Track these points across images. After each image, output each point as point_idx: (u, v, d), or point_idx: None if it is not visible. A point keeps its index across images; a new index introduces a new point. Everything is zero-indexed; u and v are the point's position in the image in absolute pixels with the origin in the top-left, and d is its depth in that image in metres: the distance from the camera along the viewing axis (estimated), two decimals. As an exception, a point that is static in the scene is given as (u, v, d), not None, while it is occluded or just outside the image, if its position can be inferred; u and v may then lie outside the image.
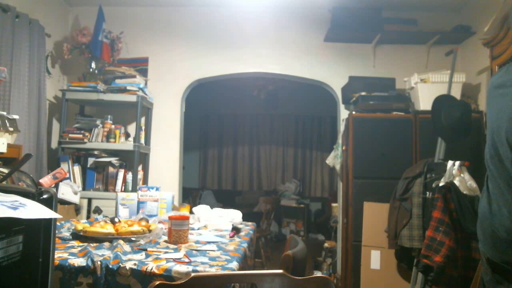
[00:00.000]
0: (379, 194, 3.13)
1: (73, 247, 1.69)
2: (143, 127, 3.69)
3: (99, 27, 3.46)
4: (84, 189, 3.38)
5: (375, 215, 3.12)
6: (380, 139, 3.21)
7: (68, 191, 3.04)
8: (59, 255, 1.50)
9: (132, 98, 3.42)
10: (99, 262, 1.43)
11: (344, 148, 3.44)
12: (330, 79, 3.88)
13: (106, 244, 1.74)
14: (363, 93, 3.35)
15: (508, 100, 1.27)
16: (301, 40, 3.89)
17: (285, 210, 6.85)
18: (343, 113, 3.78)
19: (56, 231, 1.57)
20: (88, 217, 3.20)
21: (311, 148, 7.43)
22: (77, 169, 3.43)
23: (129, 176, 3.47)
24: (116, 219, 2.14)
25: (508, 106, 1.26)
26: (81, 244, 1.75)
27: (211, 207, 2.59)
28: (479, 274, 1.93)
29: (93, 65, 3.56)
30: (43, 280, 0.95)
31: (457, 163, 2.61)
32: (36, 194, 0.95)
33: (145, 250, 1.69)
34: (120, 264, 1.44)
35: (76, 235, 1.88)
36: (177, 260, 1.52)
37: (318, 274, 3.68)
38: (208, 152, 7.60)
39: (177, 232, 1.88)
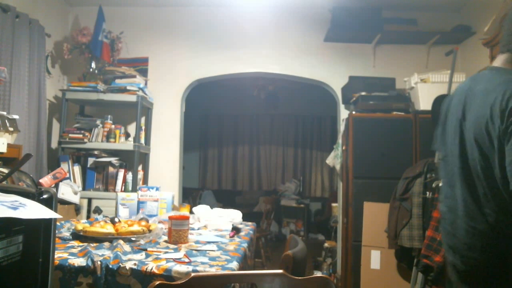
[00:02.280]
0: (379, 194, 3.13)
1: (73, 247, 1.69)
2: (143, 127, 3.69)
3: (99, 27, 3.46)
4: (84, 189, 3.38)
5: (375, 215, 3.12)
6: (380, 139, 3.21)
7: (68, 191, 3.04)
8: (59, 255, 1.50)
9: (132, 98, 3.42)
10: (99, 262, 1.43)
11: (344, 148, 3.44)
12: (330, 79, 3.88)
13: (106, 244, 1.74)
14: (363, 93, 3.35)
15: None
16: (301, 40, 3.89)
17: (285, 210, 6.85)
18: (343, 113, 3.78)
19: (56, 231, 1.57)
20: (88, 217, 3.20)
21: (311, 148, 7.43)
22: (77, 169, 3.43)
23: (129, 176, 3.47)
24: (116, 219, 2.14)
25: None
26: (81, 244, 1.75)
27: (211, 207, 2.59)
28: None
29: (93, 65, 3.56)
30: (43, 280, 0.95)
31: (457, 163, 2.60)
32: (36, 194, 0.95)
33: (145, 250, 1.69)
34: (120, 264, 1.44)
35: (76, 235, 1.88)
36: (177, 260, 1.52)
37: (318, 274, 3.68)
38: (208, 152, 7.60)
39: (177, 232, 1.88)
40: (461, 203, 1.37)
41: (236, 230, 2.27)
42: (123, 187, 3.45)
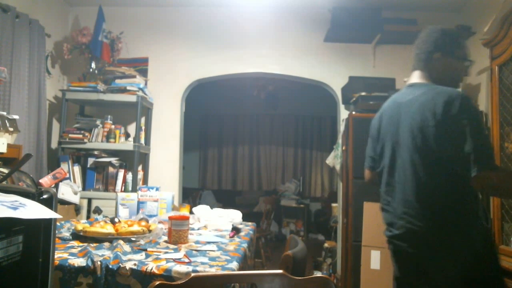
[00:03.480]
0: (379, 194, 3.12)
1: (73, 247, 1.69)
2: (143, 127, 3.69)
3: (99, 27, 3.46)
4: (84, 189, 3.38)
5: (375, 215, 3.11)
6: (380, 139, 3.20)
7: (68, 191, 3.04)
8: (59, 255, 1.50)
9: (132, 98, 3.42)
10: (99, 262, 1.43)
11: (344, 148, 3.44)
12: (330, 79, 3.88)
13: (106, 244, 1.74)
14: (363, 93, 3.35)
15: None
16: (301, 40, 3.89)
17: (285, 210, 6.85)
18: (343, 113, 3.78)
19: (56, 231, 1.57)
20: (88, 217, 3.20)
21: (311, 148, 7.43)
22: (77, 169, 3.43)
23: (129, 176, 3.47)
24: (116, 219, 2.14)
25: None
26: (81, 244, 1.75)
27: (211, 207, 2.59)
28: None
29: (93, 65, 3.56)
30: (43, 280, 0.95)
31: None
32: (36, 194, 0.95)
33: (145, 250, 1.69)
34: (120, 264, 1.44)
35: (76, 235, 1.88)
36: (177, 260, 1.52)
37: (318, 274, 3.68)
38: (208, 152, 7.60)
39: (177, 232, 1.88)
40: (400, 204, 1.59)
41: (236, 230, 2.27)
42: (123, 187, 3.45)
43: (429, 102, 1.47)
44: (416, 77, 1.69)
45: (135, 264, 1.43)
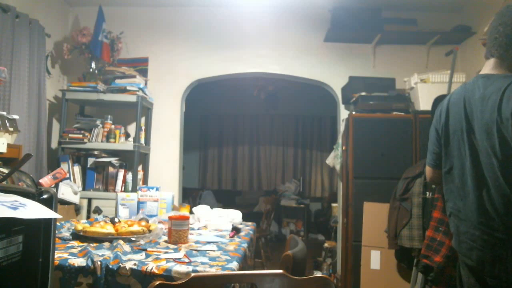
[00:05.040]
0: (379, 194, 3.13)
1: (73, 247, 1.69)
2: (143, 127, 3.69)
3: (99, 27, 3.46)
4: (84, 189, 3.39)
5: (375, 215, 3.12)
6: (380, 139, 3.21)
7: (68, 191, 3.04)
8: (59, 255, 1.50)
9: (132, 98, 3.42)
10: (99, 262, 1.43)
11: (344, 148, 3.44)
12: (330, 79, 3.88)
13: (106, 244, 1.74)
14: (363, 93, 3.35)
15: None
16: (301, 40, 3.89)
17: (285, 210, 6.85)
18: (343, 113, 3.78)
19: (56, 231, 1.57)
20: (88, 217, 3.20)
21: (311, 148, 7.43)
22: (77, 169, 3.43)
23: (129, 176, 3.47)
24: (116, 219, 2.14)
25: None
26: (81, 244, 1.75)
27: (211, 207, 2.59)
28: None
29: (93, 65, 3.56)
30: (43, 280, 0.95)
31: (457, 163, 2.60)
32: (36, 194, 0.95)
33: (145, 250, 1.69)
34: (120, 264, 1.44)
35: (76, 235, 1.88)
36: (177, 260, 1.52)
37: (318, 274, 3.68)
38: (208, 152, 7.60)
39: (177, 232, 1.88)
40: (475, 212, 1.37)
41: (236, 230, 2.27)
42: (123, 187, 3.45)
43: (509, 99, 1.26)
44: (490, 67, 1.44)
45: (135, 264, 1.43)
